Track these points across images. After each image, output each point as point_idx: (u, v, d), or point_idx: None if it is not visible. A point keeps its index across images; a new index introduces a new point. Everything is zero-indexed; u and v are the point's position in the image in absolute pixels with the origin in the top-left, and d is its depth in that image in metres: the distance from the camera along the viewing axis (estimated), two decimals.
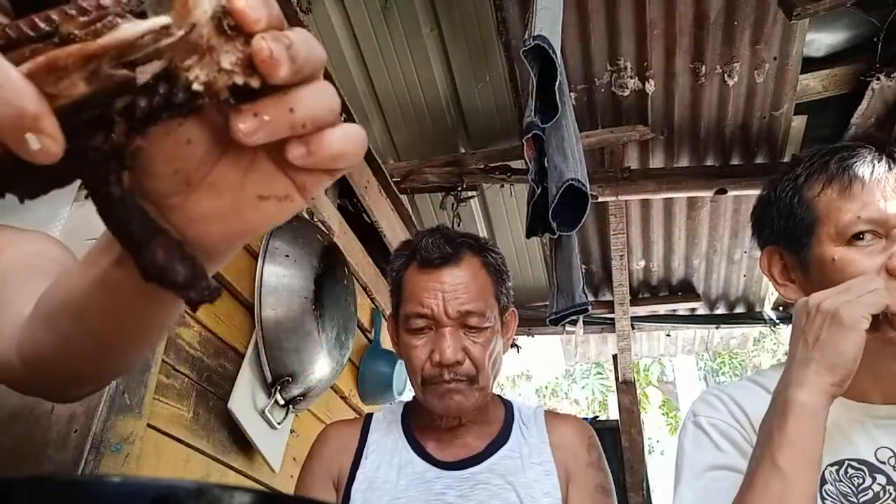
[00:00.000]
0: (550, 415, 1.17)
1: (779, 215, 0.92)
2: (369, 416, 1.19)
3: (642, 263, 3.94)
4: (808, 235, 0.87)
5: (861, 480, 0.80)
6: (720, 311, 4.34)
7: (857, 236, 0.82)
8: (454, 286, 1.06)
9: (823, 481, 0.81)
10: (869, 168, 0.85)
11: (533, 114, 2.14)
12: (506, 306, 1.14)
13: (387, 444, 1.11)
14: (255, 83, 0.30)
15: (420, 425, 1.14)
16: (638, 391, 4.08)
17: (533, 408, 1.19)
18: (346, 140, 0.33)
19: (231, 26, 0.29)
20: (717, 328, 4.43)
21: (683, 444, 0.90)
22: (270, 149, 0.34)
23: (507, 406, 1.18)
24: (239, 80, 0.29)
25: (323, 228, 1.95)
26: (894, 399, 0.85)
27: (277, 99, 0.30)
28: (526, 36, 2.07)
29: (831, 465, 0.82)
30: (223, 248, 0.40)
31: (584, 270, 3.55)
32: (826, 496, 0.80)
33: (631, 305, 3.89)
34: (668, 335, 4.66)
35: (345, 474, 1.08)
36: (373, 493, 1.04)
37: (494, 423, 1.14)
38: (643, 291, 4.19)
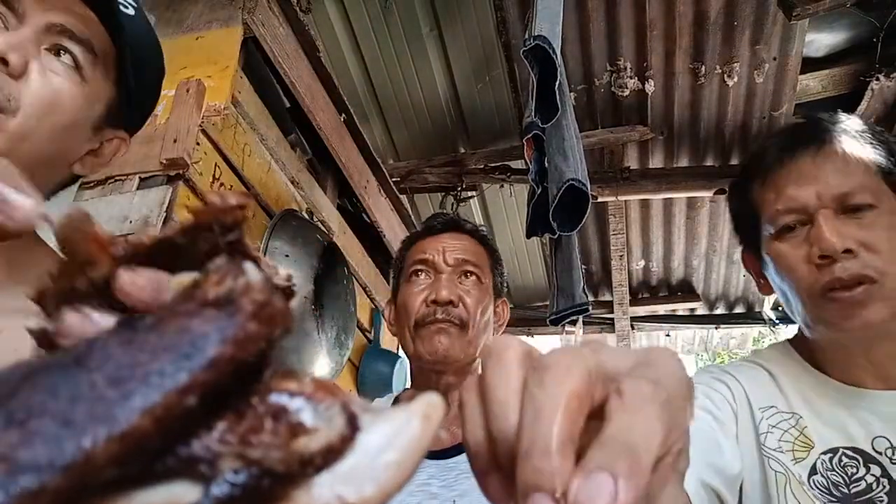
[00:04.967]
0: None
1: (736, 216, 0.90)
2: None
3: (642, 263, 3.94)
4: (755, 234, 0.84)
5: (855, 470, 0.74)
6: (719, 311, 4.34)
7: (785, 228, 0.78)
8: (453, 243, 1.14)
9: (814, 471, 0.76)
10: (783, 152, 0.79)
11: (533, 114, 2.14)
12: (499, 290, 1.19)
13: None
14: None
15: None
16: None
17: None
18: None
19: None
20: (716, 328, 4.43)
21: None
22: None
23: None
24: None
25: (323, 228, 1.95)
26: (891, 384, 0.78)
27: None
28: (526, 36, 2.07)
29: (824, 453, 0.76)
30: None
31: (584, 270, 3.55)
32: (813, 486, 0.75)
33: (630, 305, 3.89)
34: (668, 335, 4.66)
35: None
36: None
37: None
38: (643, 291, 4.19)
